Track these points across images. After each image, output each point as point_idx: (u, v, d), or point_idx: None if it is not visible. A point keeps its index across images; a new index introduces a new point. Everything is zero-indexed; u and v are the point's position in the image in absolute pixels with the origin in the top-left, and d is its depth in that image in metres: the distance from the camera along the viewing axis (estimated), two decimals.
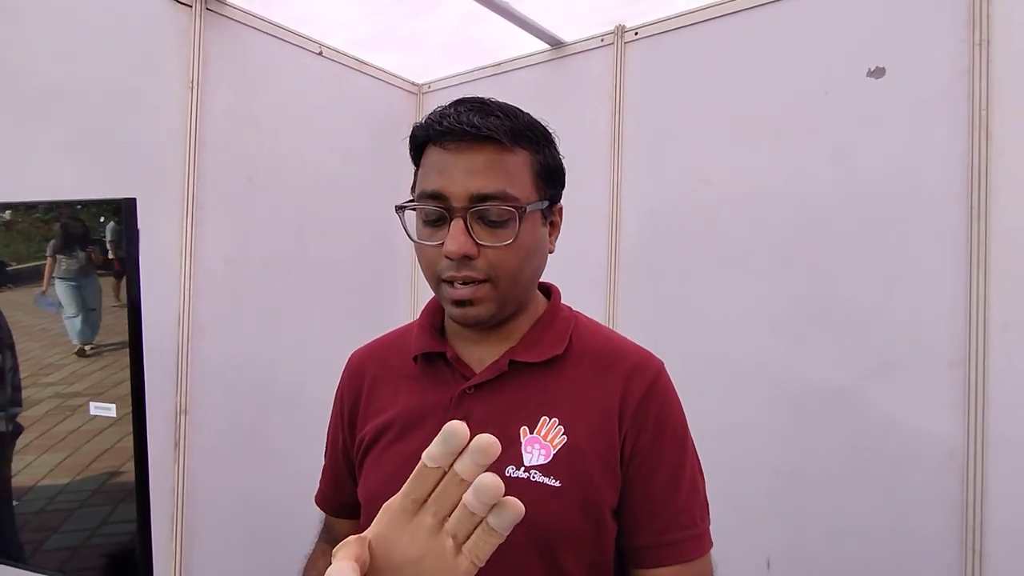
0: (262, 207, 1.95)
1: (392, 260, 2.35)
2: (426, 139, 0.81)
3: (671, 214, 1.88)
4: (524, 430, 0.80)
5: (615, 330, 0.95)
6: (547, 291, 0.94)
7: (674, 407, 0.85)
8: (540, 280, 0.90)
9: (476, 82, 2.30)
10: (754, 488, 1.67)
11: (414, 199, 0.82)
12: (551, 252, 0.88)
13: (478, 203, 0.76)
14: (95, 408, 0.86)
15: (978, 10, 1.45)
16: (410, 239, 0.83)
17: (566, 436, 0.80)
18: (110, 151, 1.62)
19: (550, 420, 0.81)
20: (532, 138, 0.81)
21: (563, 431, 0.80)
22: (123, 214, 0.83)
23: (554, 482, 0.78)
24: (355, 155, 2.23)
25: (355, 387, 0.94)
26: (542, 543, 0.77)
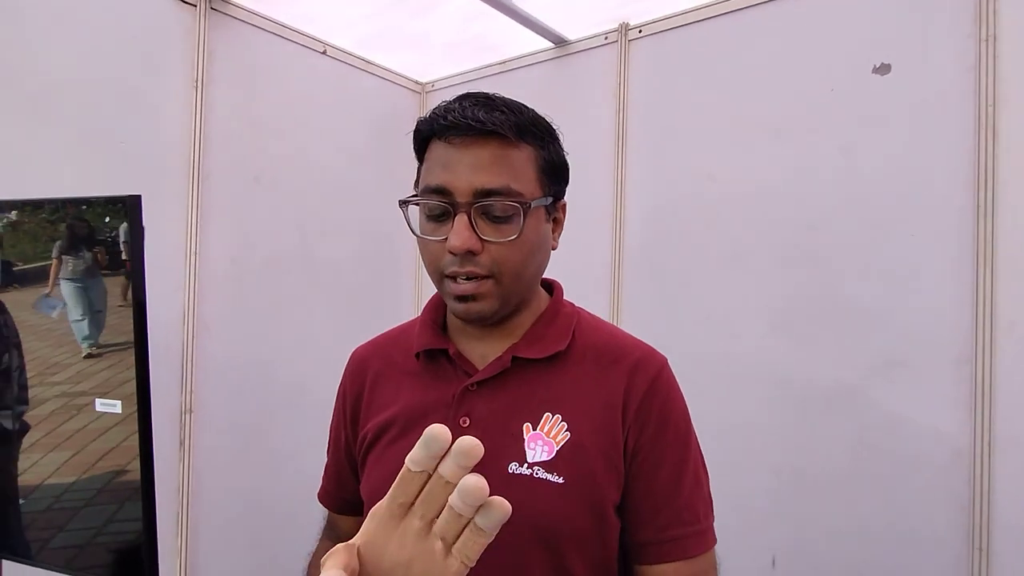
0: (267, 206, 1.96)
1: (396, 259, 2.35)
2: (430, 134, 0.81)
3: (675, 212, 1.88)
4: (527, 426, 0.80)
5: (618, 327, 0.95)
6: (549, 287, 0.94)
7: (677, 403, 0.85)
8: (543, 276, 0.90)
9: (480, 81, 2.30)
10: (758, 487, 1.67)
11: (417, 194, 0.81)
12: (554, 248, 0.88)
13: (482, 198, 0.76)
14: (100, 404, 0.86)
15: (985, 5, 1.44)
16: (413, 234, 0.82)
17: (569, 432, 0.80)
18: (115, 151, 1.63)
19: (553, 416, 0.81)
20: (537, 133, 0.81)
21: (566, 427, 0.80)
22: (128, 211, 0.84)
23: (557, 478, 0.78)
24: (359, 154, 2.23)
25: (357, 384, 0.94)
26: (545, 539, 0.77)
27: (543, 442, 0.79)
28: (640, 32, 1.96)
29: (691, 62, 1.87)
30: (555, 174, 0.84)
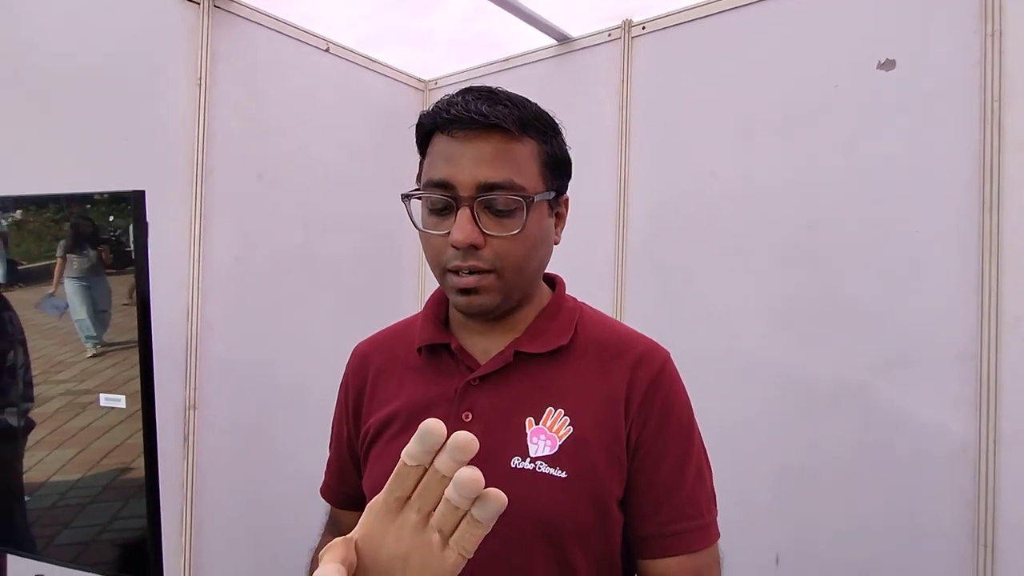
0: (270, 204, 1.96)
1: (398, 257, 2.35)
2: (433, 127, 0.80)
3: (678, 209, 1.88)
4: (529, 421, 0.80)
5: (621, 322, 0.94)
6: (552, 282, 0.93)
7: (680, 397, 0.85)
8: (545, 271, 0.90)
9: (483, 78, 2.30)
10: (761, 486, 1.67)
11: (420, 188, 0.81)
12: (557, 243, 0.88)
13: (485, 192, 0.76)
14: (105, 399, 0.86)
15: (990, 1, 1.43)
16: (416, 227, 0.82)
17: (572, 427, 0.80)
18: (118, 149, 1.63)
19: (555, 411, 0.81)
20: (540, 128, 0.81)
21: (569, 422, 0.80)
22: (132, 206, 0.84)
23: (560, 473, 0.77)
24: (361, 152, 2.23)
25: (359, 379, 0.94)
26: (548, 534, 0.77)
27: (545, 437, 0.79)
28: (643, 29, 1.96)
29: (694, 59, 1.87)
30: (558, 168, 0.84)
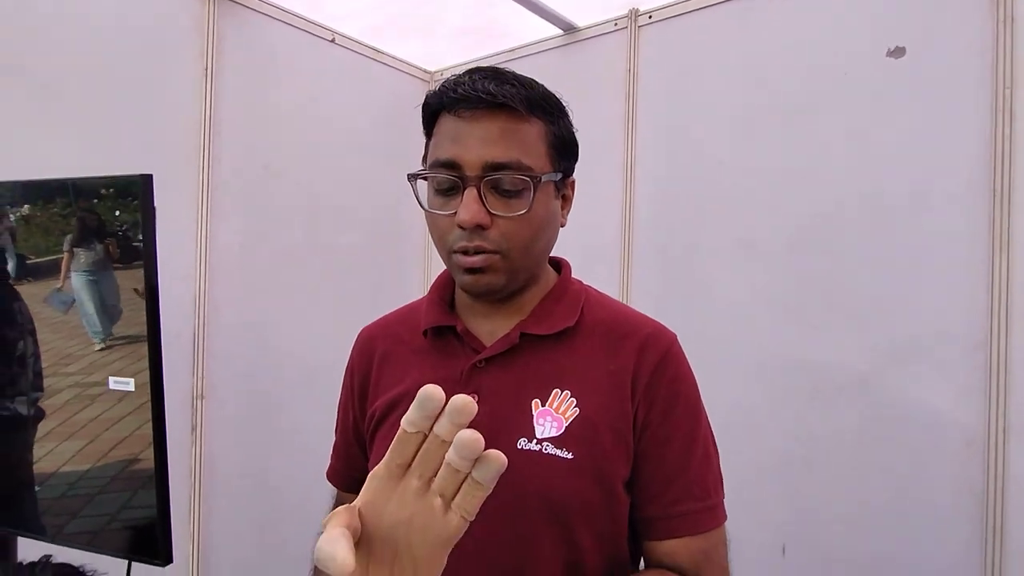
0: (276, 194, 1.96)
1: (404, 247, 2.36)
2: (440, 107, 0.80)
3: (684, 199, 1.87)
4: (536, 402, 0.80)
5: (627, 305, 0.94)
6: (557, 265, 0.93)
7: (687, 379, 0.84)
8: (551, 254, 0.89)
9: None
10: (768, 475, 1.67)
11: (426, 168, 0.81)
12: (563, 226, 0.87)
13: (492, 172, 0.75)
14: (114, 383, 0.86)
15: None
16: (422, 208, 0.82)
17: (578, 408, 0.79)
18: (125, 139, 1.63)
19: (562, 392, 0.80)
20: (547, 108, 0.80)
21: (575, 403, 0.80)
22: (140, 190, 0.84)
23: (566, 454, 0.77)
24: (367, 142, 2.23)
25: (365, 362, 0.94)
26: (555, 515, 0.77)
27: (552, 418, 0.79)
28: (650, 18, 1.94)
29: (701, 47, 1.85)
30: (565, 150, 0.83)
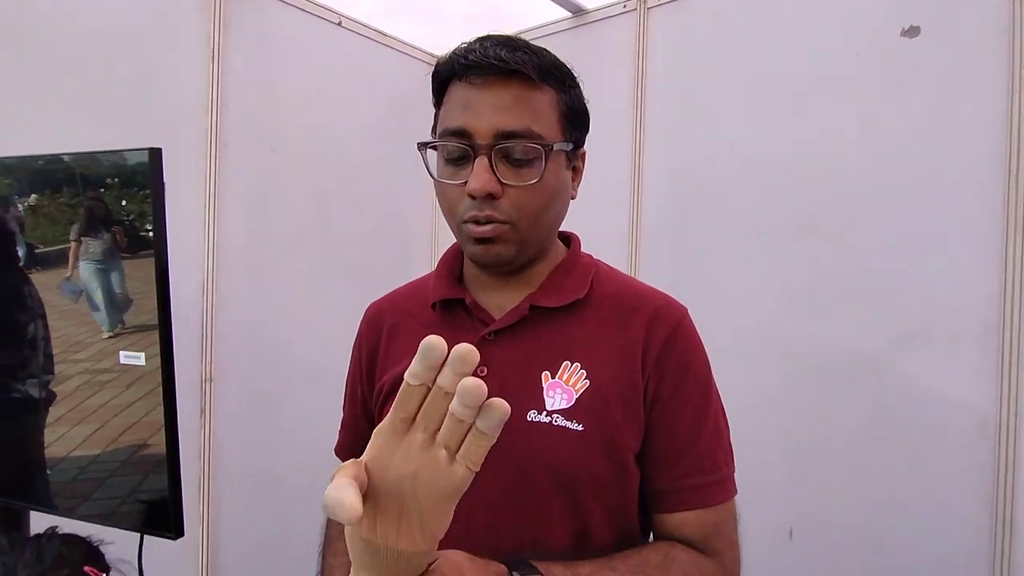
0: (284, 177, 1.96)
1: (410, 232, 2.35)
2: (450, 75, 0.79)
3: (694, 183, 1.85)
4: (546, 375, 0.80)
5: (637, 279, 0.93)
6: (567, 240, 0.92)
7: (698, 352, 0.84)
8: (560, 229, 0.89)
9: None
10: (777, 459, 1.67)
11: (436, 138, 0.80)
12: (573, 198, 0.86)
13: (504, 140, 0.75)
14: (125, 357, 0.87)
15: None
16: (432, 177, 0.81)
17: (588, 380, 0.79)
18: (131, 121, 1.62)
19: (572, 365, 0.80)
20: (559, 77, 0.79)
21: (585, 375, 0.79)
22: (149, 163, 0.84)
23: (577, 426, 0.77)
24: (373, 126, 2.21)
25: (373, 337, 0.93)
26: (564, 487, 0.77)
27: (562, 390, 0.79)
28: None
29: (711, 28, 1.83)
30: (576, 120, 0.82)
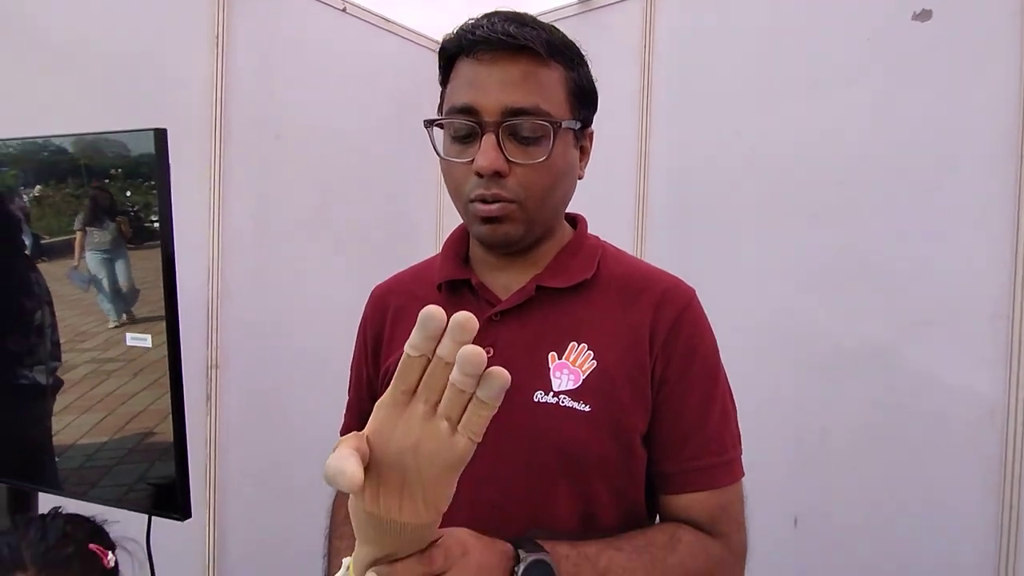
0: (289, 164, 1.96)
1: (416, 219, 2.35)
2: (457, 51, 0.78)
3: (701, 170, 1.84)
4: (552, 355, 0.79)
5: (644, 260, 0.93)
6: (573, 221, 0.92)
7: (706, 335, 0.84)
8: (568, 211, 0.88)
9: None
10: (782, 446, 1.67)
11: (442, 115, 0.79)
12: (581, 178, 0.86)
13: (511, 117, 0.74)
14: (131, 339, 0.87)
15: None
16: (438, 155, 0.80)
17: (595, 361, 0.79)
18: (135, 108, 1.62)
19: (579, 345, 0.79)
20: (567, 54, 0.78)
21: (592, 356, 0.79)
22: (155, 144, 0.84)
23: (584, 407, 0.77)
24: (378, 113, 2.20)
25: (378, 320, 0.93)
26: (571, 467, 0.77)
27: (569, 371, 0.78)
28: None
29: (719, 14, 1.80)
30: (584, 98, 0.81)
